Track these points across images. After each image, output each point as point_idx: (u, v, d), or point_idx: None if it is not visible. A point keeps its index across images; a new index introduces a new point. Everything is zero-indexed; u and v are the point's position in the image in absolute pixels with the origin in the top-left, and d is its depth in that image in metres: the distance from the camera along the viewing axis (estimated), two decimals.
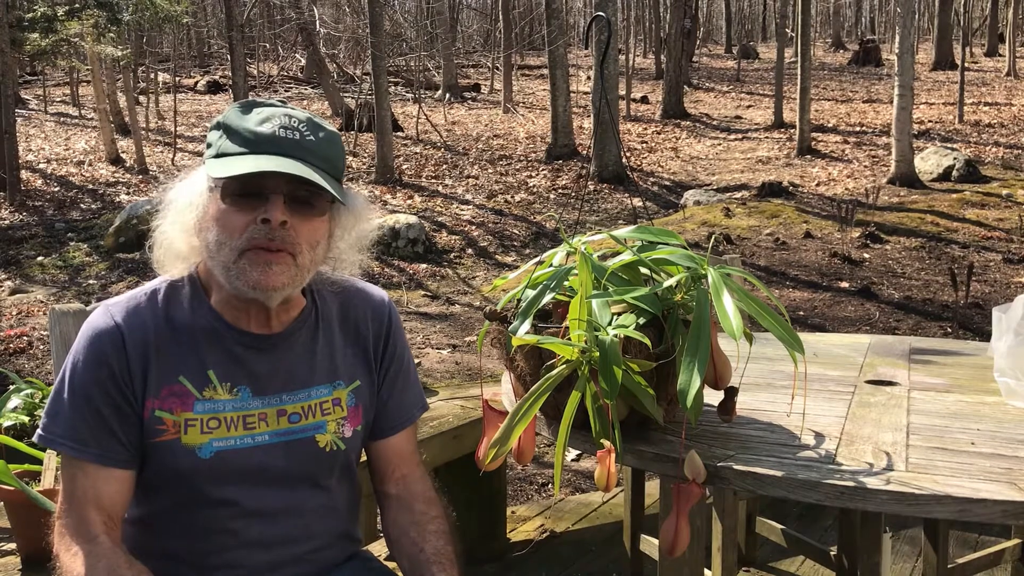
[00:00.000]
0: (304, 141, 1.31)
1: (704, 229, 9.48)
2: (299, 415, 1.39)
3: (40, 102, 20.06)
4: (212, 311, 1.37)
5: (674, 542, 1.40)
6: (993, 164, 12.94)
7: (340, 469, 1.45)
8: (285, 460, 1.37)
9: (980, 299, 6.97)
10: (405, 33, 26.64)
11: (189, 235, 1.34)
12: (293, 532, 1.39)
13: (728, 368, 1.57)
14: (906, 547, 2.95)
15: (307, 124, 1.33)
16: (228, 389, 1.35)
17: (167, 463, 1.33)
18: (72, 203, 11.37)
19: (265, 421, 1.36)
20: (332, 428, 1.41)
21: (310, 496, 1.41)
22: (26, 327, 6.61)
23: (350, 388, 1.44)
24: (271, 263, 1.29)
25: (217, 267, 1.31)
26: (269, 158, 1.28)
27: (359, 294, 1.50)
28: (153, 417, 1.32)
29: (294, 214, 1.30)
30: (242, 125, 1.31)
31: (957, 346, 2.41)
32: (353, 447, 1.46)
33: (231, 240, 1.28)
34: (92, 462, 1.30)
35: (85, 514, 1.29)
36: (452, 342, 6.35)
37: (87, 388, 1.30)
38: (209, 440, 1.32)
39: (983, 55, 28.37)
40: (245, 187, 1.28)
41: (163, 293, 1.37)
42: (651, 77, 24.80)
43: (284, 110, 1.34)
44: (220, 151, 1.31)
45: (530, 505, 3.46)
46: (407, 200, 11.66)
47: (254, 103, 1.36)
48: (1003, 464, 1.45)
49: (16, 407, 2.36)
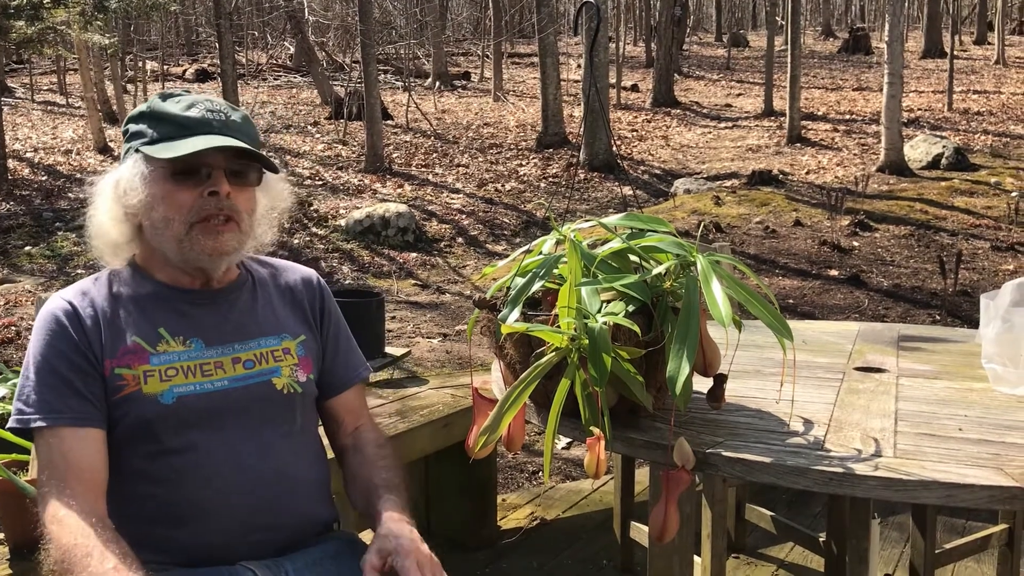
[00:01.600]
0: (230, 122, 1.45)
1: (694, 217, 9.49)
2: (253, 361, 1.48)
3: (27, 90, 19.90)
4: (155, 281, 1.48)
5: (663, 528, 1.41)
6: (982, 152, 12.98)
7: (302, 416, 1.51)
8: (245, 402, 1.44)
9: (968, 287, 7.00)
10: (395, 21, 26.52)
11: (121, 224, 1.45)
12: (265, 475, 1.43)
13: (717, 355, 1.57)
14: (894, 533, 2.97)
15: (226, 107, 1.47)
16: (181, 342, 1.44)
17: (131, 415, 1.39)
18: (60, 192, 11.30)
19: (222, 368, 1.45)
20: (286, 372, 1.50)
21: (276, 440, 1.46)
22: (14, 317, 6.57)
23: (297, 341, 1.54)
24: (221, 232, 1.42)
25: (167, 241, 1.43)
26: (212, 137, 1.41)
27: (287, 267, 1.65)
28: (113, 375, 1.40)
29: (233, 186, 1.44)
30: (170, 113, 1.44)
31: (945, 333, 2.42)
32: (309, 392, 1.53)
33: (179, 215, 1.41)
34: (67, 425, 1.36)
35: (67, 482, 1.33)
36: (442, 331, 6.35)
37: (50, 360, 1.39)
38: (169, 387, 1.40)
39: (972, 43, 28.41)
40: (188, 165, 1.41)
41: (106, 276, 1.49)
42: (641, 65, 24.75)
43: (202, 96, 1.48)
44: (154, 138, 1.43)
45: (520, 493, 3.46)
46: (397, 189, 11.63)
47: (170, 94, 1.48)
48: (990, 450, 1.46)
49: (3, 397, 2.35)
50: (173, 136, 1.42)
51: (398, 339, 5.97)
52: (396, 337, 6.03)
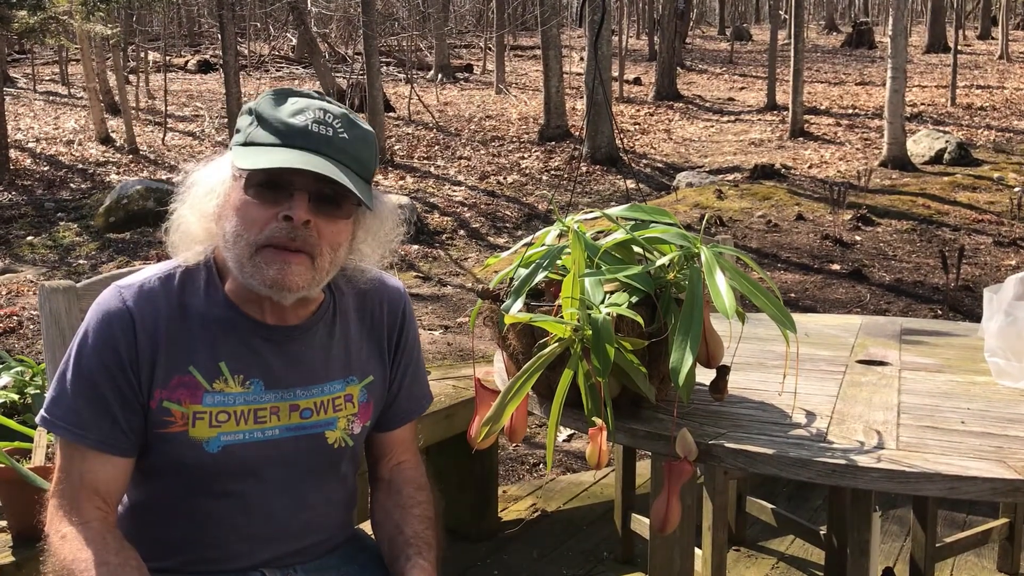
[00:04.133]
0: (336, 138, 1.27)
1: (696, 211, 9.48)
2: (311, 411, 1.36)
3: (29, 81, 19.89)
4: (227, 300, 1.32)
5: (665, 519, 1.41)
6: (985, 147, 12.96)
7: (346, 467, 1.44)
8: (293, 455, 1.35)
9: (971, 282, 6.99)
10: (397, 13, 26.47)
11: (207, 221, 1.30)
12: (294, 527, 1.38)
13: (720, 347, 1.57)
14: (895, 527, 2.97)
15: (342, 120, 1.29)
16: (240, 381, 1.31)
17: (172, 455, 1.30)
18: (62, 182, 11.30)
19: (277, 415, 1.33)
20: (342, 425, 1.39)
21: (313, 492, 1.39)
22: (16, 307, 6.58)
23: (363, 384, 1.42)
24: (289, 263, 1.24)
25: (232, 259, 1.27)
26: (298, 153, 1.23)
27: (374, 283, 1.46)
28: (161, 408, 1.28)
29: (318, 214, 1.25)
30: (274, 115, 1.27)
31: (948, 327, 2.42)
32: (360, 443, 1.44)
33: (249, 233, 1.24)
34: (91, 448, 1.26)
35: (79, 498, 1.26)
36: (444, 323, 6.35)
37: (93, 373, 1.27)
38: (217, 434, 1.29)
39: (976, 38, 28.34)
40: (271, 180, 1.24)
41: (178, 278, 1.32)
42: (644, 58, 24.72)
43: (320, 103, 1.29)
44: (249, 139, 1.27)
45: (521, 485, 3.47)
46: (399, 181, 11.62)
47: (290, 92, 1.31)
48: (993, 443, 1.46)
49: (6, 385, 2.36)
50: (267, 143, 1.25)
51: None
52: None
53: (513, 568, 2.77)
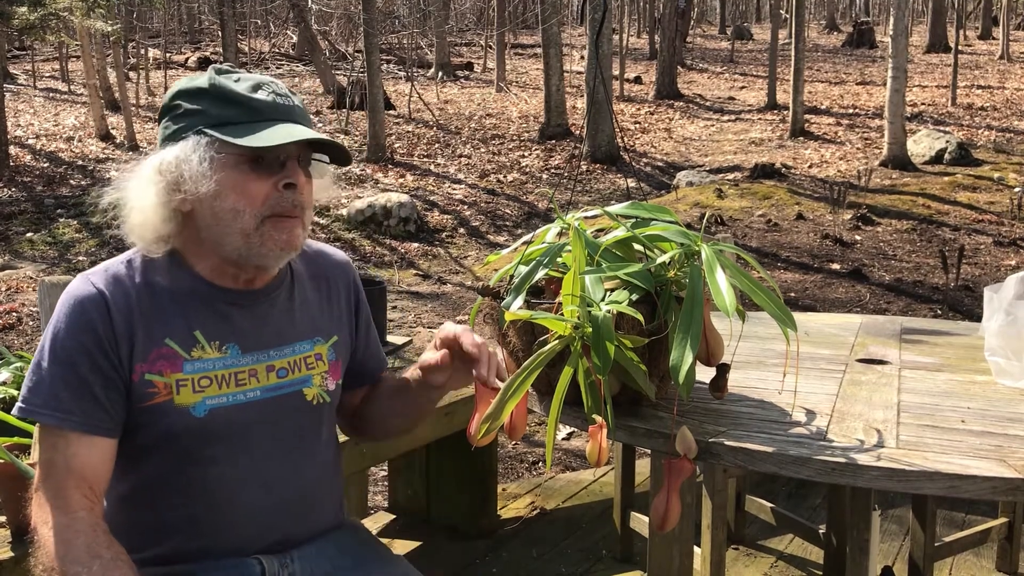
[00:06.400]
0: (295, 108, 1.36)
1: (696, 210, 9.47)
2: (286, 370, 1.41)
3: (29, 77, 19.87)
4: (192, 274, 1.36)
5: (665, 517, 1.41)
6: (985, 147, 12.95)
7: (327, 427, 1.48)
8: (275, 414, 1.39)
9: (970, 282, 7.00)
10: (398, 10, 26.45)
11: (165, 209, 1.32)
12: (289, 496, 1.40)
13: (720, 345, 1.57)
14: (893, 526, 2.97)
15: (287, 89, 1.38)
16: (217, 347, 1.35)
17: (160, 426, 1.31)
18: (61, 179, 11.29)
19: (256, 377, 1.37)
20: (318, 382, 1.44)
21: (303, 458, 1.42)
22: (15, 303, 6.57)
23: (329, 343, 1.48)
24: (294, 227, 1.33)
25: (231, 234, 1.31)
26: (294, 127, 1.31)
27: (320, 254, 1.55)
28: (143, 380, 1.30)
29: (305, 177, 1.35)
30: (236, 92, 1.32)
31: (948, 326, 2.42)
32: (335, 400, 1.49)
33: (252, 207, 1.30)
34: (75, 430, 1.27)
35: (65, 487, 1.25)
36: (443, 321, 6.35)
37: (71, 355, 1.28)
38: (202, 399, 1.32)
39: (977, 38, 28.33)
40: (266, 154, 1.30)
41: (140, 261, 1.36)
42: (645, 57, 24.70)
43: (264, 77, 1.37)
44: (223, 120, 1.30)
45: (520, 483, 3.47)
46: (399, 179, 11.62)
47: (226, 70, 1.37)
48: (992, 442, 1.46)
49: (5, 381, 2.35)
50: (244, 120, 1.30)
51: (399, 329, 5.97)
52: (397, 327, 6.03)
53: (512, 566, 2.77)
